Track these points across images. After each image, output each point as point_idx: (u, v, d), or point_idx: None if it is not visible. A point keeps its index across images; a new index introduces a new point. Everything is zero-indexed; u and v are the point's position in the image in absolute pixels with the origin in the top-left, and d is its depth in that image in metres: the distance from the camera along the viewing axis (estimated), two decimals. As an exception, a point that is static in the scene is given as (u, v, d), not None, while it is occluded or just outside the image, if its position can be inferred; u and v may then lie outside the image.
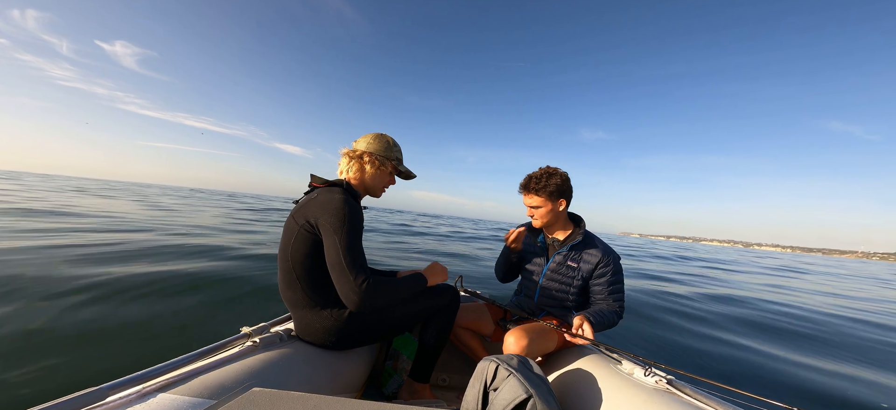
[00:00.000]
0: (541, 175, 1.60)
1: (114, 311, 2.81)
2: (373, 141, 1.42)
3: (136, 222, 8.68)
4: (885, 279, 16.14)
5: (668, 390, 1.12)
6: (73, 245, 4.93)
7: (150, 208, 13.96)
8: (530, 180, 1.62)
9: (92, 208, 11.26)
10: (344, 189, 1.29)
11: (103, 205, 12.87)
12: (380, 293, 1.17)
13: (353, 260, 1.14)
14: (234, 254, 5.44)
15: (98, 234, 6.16)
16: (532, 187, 1.61)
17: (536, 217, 1.66)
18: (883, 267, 46.20)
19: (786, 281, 10.86)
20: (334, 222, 1.16)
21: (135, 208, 13.27)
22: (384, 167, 1.43)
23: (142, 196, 23.74)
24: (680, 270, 10.82)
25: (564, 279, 1.65)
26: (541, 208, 1.62)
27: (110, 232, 6.52)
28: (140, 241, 5.84)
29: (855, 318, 5.51)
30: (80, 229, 6.62)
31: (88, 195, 18.59)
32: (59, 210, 9.45)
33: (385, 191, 1.51)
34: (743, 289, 7.80)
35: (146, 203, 16.68)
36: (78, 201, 13.41)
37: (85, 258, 4.31)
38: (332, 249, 1.15)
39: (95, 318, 2.64)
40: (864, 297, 8.46)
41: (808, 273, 15.79)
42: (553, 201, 1.60)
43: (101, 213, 9.92)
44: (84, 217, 8.45)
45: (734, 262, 18.88)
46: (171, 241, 6.07)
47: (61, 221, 7.49)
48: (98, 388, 0.75)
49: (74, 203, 12.29)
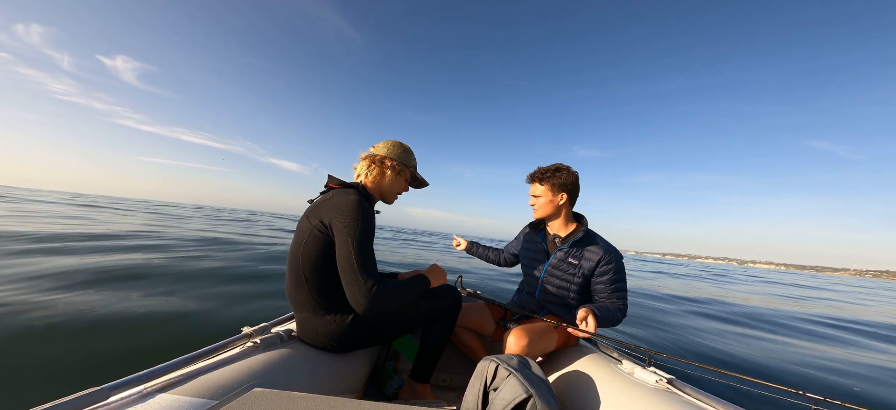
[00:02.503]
0: (549, 167, 1.65)
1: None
2: (393, 147, 1.45)
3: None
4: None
5: (669, 389, 1.12)
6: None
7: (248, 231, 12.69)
8: (538, 170, 1.66)
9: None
10: (359, 192, 1.30)
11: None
12: (389, 297, 1.18)
13: (364, 264, 1.15)
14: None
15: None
16: (537, 176, 1.65)
17: (537, 207, 1.69)
18: (882, 284, 45.42)
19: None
20: (348, 224, 1.16)
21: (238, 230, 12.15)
22: (403, 174, 1.46)
23: (181, 217, 19.78)
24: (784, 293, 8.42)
25: (566, 275, 1.64)
26: (541, 197, 1.66)
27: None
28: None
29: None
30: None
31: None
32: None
33: (397, 198, 1.52)
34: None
35: (239, 226, 15.50)
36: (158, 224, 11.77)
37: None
38: (344, 250, 1.15)
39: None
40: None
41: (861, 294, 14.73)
42: (554, 193, 1.64)
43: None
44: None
45: (782, 283, 18.74)
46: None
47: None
48: (99, 388, 0.76)
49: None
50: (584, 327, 1.37)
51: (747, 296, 9.63)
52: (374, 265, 1.19)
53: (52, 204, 19.32)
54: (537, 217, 1.75)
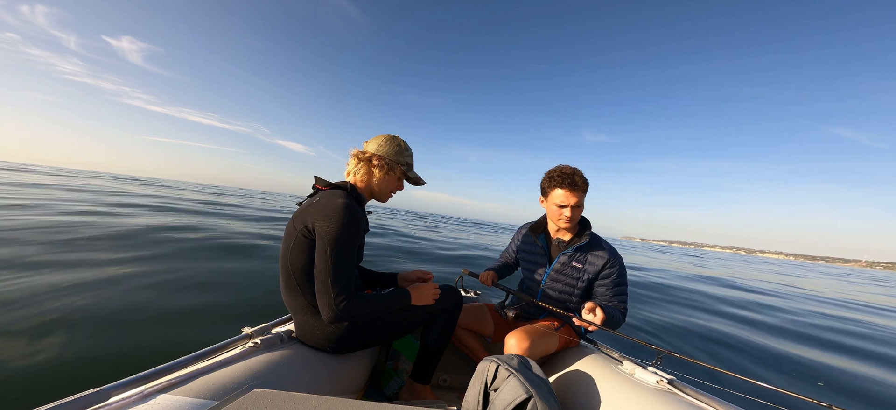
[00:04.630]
0: (580, 172, 1.55)
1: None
2: (384, 143, 1.38)
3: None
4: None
5: (670, 390, 1.12)
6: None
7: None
8: (576, 177, 1.54)
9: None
10: (347, 193, 1.25)
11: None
12: (356, 313, 1.18)
13: (337, 276, 1.14)
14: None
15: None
16: (580, 184, 1.54)
17: (573, 217, 1.59)
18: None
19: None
20: (329, 231, 1.13)
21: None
22: (393, 172, 1.39)
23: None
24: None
25: (569, 279, 1.63)
26: (581, 206, 1.58)
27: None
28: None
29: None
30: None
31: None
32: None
33: (392, 196, 1.46)
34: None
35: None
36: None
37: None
38: (321, 259, 1.14)
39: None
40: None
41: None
42: (584, 201, 1.58)
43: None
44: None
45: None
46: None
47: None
48: (100, 389, 0.76)
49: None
50: (590, 317, 1.36)
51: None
52: (349, 278, 1.18)
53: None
54: (568, 226, 1.63)
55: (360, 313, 1.20)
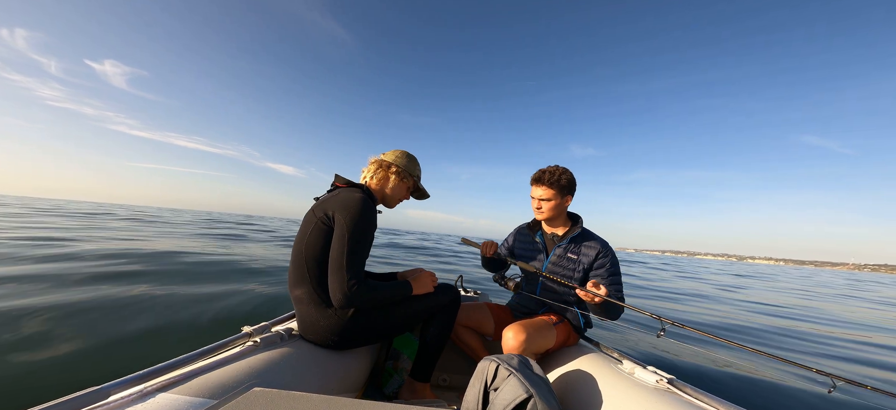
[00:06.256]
0: (554, 170, 1.69)
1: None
2: (401, 155, 1.56)
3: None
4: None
5: (669, 389, 1.12)
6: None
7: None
8: (545, 173, 1.69)
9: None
10: (364, 192, 1.39)
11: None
12: (366, 298, 1.25)
13: (352, 262, 1.22)
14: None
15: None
16: (546, 180, 1.68)
17: (544, 210, 1.72)
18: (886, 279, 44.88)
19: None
20: (349, 221, 1.24)
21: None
22: (406, 181, 1.56)
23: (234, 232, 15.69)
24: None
25: (566, 271, 1.68)
26: (550, 200, 1.68)
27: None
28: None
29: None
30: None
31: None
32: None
33: (398, 203, 1.61)
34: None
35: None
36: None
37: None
38: (339, 244, 1.23)
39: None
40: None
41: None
42: (562, 195, 1.68)
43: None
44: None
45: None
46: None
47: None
48: (99, 388, 0.76)
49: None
50: (594, 291, 1.38)
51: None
52: (362, 266, 1.27)
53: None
54: (543, 219, 1.77)
55: (368, 298, 1.26)
